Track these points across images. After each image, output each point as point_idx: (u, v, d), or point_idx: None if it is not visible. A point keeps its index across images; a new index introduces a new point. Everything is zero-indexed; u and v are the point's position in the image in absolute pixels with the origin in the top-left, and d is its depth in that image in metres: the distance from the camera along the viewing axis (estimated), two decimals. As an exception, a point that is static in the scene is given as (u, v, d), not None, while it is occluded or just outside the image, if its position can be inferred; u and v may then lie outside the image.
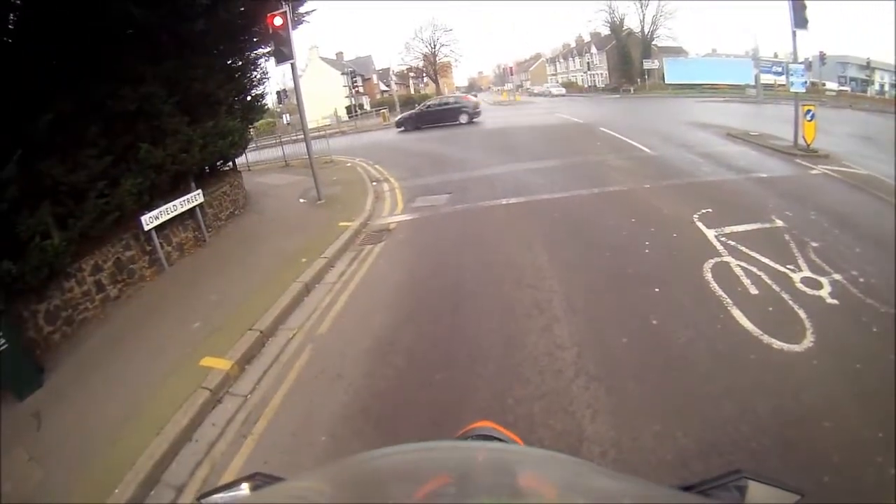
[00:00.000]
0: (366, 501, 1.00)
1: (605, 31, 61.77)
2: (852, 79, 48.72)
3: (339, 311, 6.45)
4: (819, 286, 5.97)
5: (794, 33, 14.71)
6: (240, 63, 12.02)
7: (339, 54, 61.22)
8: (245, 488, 1.31)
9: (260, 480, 1.34)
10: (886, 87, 46.36)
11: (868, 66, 48.19)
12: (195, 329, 6.13)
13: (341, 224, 9.58)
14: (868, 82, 47.79)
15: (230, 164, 12.08)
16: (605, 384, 4.43)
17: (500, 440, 1.64)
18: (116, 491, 3.77)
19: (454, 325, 5.70)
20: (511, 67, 63.23)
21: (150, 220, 7.81)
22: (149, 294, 7.53)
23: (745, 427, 3.80)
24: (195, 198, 9.02)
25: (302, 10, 13.00)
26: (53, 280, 6.39)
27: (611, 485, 1.12)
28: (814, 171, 12.04)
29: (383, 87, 63.52)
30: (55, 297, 6.45)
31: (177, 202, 8.50)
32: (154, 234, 7.96)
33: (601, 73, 63.32)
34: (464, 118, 27.47)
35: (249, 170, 16.53)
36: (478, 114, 28.36)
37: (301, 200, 12.07)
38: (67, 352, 6.11)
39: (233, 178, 11.60)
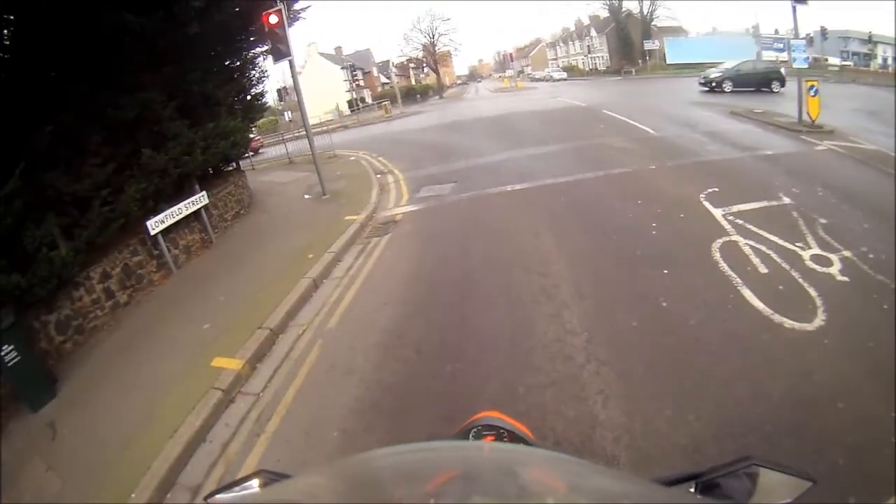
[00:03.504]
0: (370, 501, 0.99)
1: (605, 13, 61.32)
2: (854, 53, 48.40)
3: (347, 306, 6.44)
4: (829, 263, 5.93)
5: (794, 8, 14.59)
6: (238, 63, 11.97)
7: (338, 49, 61.20)
8: (255, 485, 1.31)
9: (266, 477, 1.33)
10: (889, 61, 46.00)
11: (870, 40, 47.85)
12: (205, 330, 6.15)
13: (347, 218, 9.57)
14: (871, 56, 47.51)
15: (234, 164, 12.06)
16: (615, 369, 4.42)
17: (506, 430, 1.63)
18: (133, 495, 3.79)
19: (463, 316, 5.68)
20: (511, 54, 63.05)
21: (155, 225, 7.82)
22: (158, 298, 7.56)
23: (758, 409, 3.78)
24: (200, 200, 9.03)
25: (297, 6, 12.92)
26: (62, 290, 6.40)
27: (613, 485, 1.11)
28: (819, 147, 11.96)
29: (384, 80, 63.43)
30: (65, 306, 6.47)
31: (181, 205, 8.51)
32: (160, 238, 7.97)
33: (602, 56, 62.84)
34: (776, 86, 24.03)
35: (254, 168, 16.54)
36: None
37: (306, 196, 12.05)
38: (80, 360, 6.13)
39: (237, 178, 11.59)
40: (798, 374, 4.16)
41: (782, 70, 25.03)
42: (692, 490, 1.19)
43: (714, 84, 25.12)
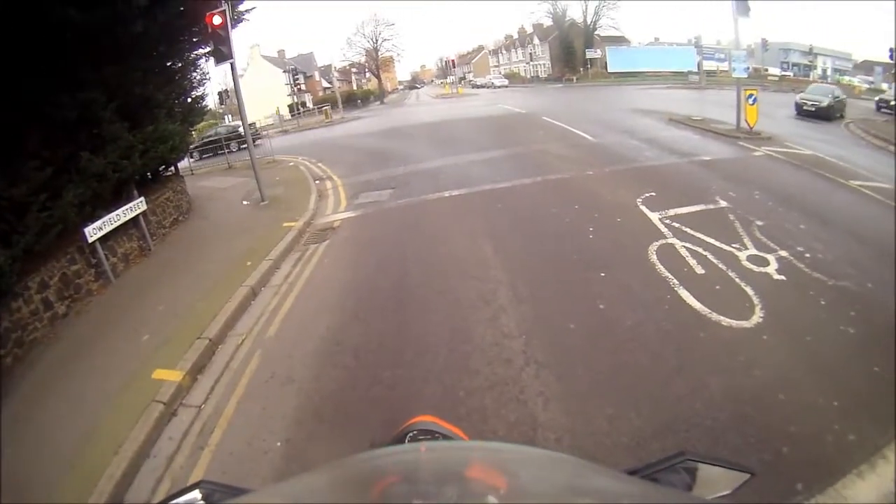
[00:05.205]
0: (364, 501, 0.98)
1: (548, 22, 62.03)
2: (795, 64, 50.56)
3: (285, 314, 6.35)
4: (765, 263, 6.15)
5: (736, 21, 15.18)
6: (179, 64, 11.63)
7: (281, 52, 60.25)
8: (197, 496, 1.27)
9: (207, 488, 1.30)
10: (829, 72, 48.37)
11: (811, 52, 50.14)
12: (145, 341, 5.96)
13: (285, 224, 9.47)
14: (811, 67, 49.75)
15: (172, 168, 11.73)
16: (554, 371, 4.46)
17: (441, 434, 1.61)
18: (81, 517, 3.66)
19: (401, 321, 5.68)
20: (453, 60, 63.43)
21: (93, 232, 7.50)
22: (97, 308, 7.27)
23: (699, 404, 3.88)
24: (138, 206, 8.71)
25: (242, 7, 12.70)
26: (0, 301, 6.10)
27: (611, 485, 1.10)
28: (757, 153, 12.44)
29: (326, 85, 62.59)
30: (3, 318, 6.14)
31: (119, 211, 8.18)
32: (98, 245, 7.66)
33: (544, 64, 63.58)
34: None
35: (193, 174, 16.12)
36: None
37: (244, 203, 11.85)
38: (21, 375, 5.85)
39: (175, 184, 11.25)
40: (738, 370, 4.30)
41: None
42: None
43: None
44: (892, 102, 22.81)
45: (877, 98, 25.61)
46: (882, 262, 6.16)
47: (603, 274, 6.17)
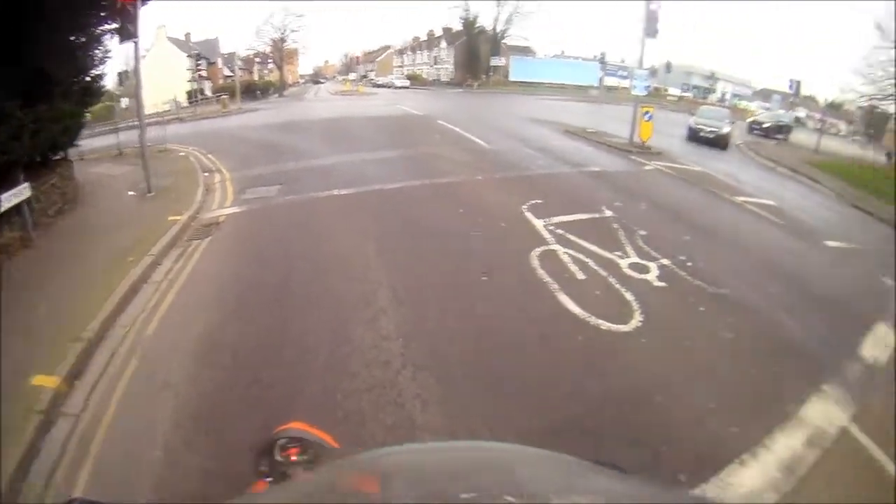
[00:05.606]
0: (363, 501, 1.00)
1: (459, 27, 61.80)
2: (695, 86, 54.05)
3: (165, 313, 6.13)
4: (646, 270, 6.49)
5: (643, 41, 16.01)
6: (83, 39, 10.79)
7: (188, 35, 57.55)
8: None
9: None
10: (728, 96, 52.30)
11: (712, 77, 53.93)
12: (22, 344, 5.49)
13: (170, 218, 9.13)
14: (710, 90, 53.53)
15: (62, 153, 10.93)
16: (433, 373, 4.52)
17: (310, 441, 1.62)
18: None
19: (281, 321, 5.60)
20: (358, 57, 62.11)
21: (-27, 221, 6.87)
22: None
23: (578, 407, 4.07)
24: (22, 192, 8.01)
25: (153, -16, 12.00)
26: None
27: (611, 485, 1.14)
28: (647, 167, 13.13)
29: (227, 73, 60.09)
30: None
31: (2, 198, 7.51)
32: (-25, 236, 7.03)
33: (447, 68, 63.88)
34: None
35: (82, 159, 15.09)
36: None
37: (130, 193, 11.34)
38: None
39: (64, 169, 10.57)
40: (616, 372, 4.56)
41: None
42: None
43: None
44: (766, 125, 25.36)
45: (749, 120, 28.09)
46: (760, 273, 6.72)
47: (485, 277, 6.33)
